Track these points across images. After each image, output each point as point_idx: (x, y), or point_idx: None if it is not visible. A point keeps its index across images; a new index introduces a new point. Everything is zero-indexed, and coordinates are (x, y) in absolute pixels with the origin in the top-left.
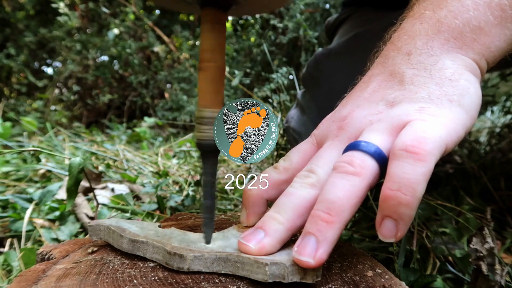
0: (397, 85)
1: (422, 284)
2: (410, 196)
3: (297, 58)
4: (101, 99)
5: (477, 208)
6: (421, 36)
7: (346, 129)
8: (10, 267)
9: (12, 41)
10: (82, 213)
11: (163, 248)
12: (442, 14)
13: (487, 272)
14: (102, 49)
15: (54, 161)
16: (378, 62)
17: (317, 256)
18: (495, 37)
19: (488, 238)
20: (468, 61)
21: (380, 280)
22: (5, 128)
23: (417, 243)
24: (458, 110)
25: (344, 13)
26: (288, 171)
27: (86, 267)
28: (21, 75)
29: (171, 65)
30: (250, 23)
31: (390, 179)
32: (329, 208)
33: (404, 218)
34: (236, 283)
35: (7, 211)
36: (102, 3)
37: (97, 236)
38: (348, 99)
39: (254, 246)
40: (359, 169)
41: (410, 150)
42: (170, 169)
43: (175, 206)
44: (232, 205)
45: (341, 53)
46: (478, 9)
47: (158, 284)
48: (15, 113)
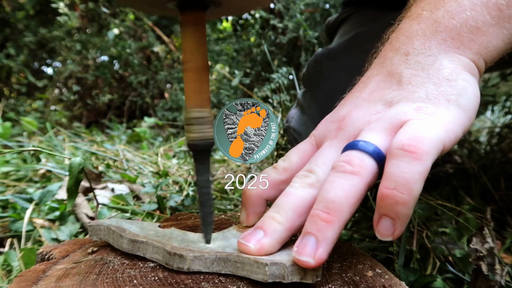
0: (395, 85)
1: (422, 284)
2: (407, 195)
3: (297, 58)
4: (101, 99)
5: (477, 208)
6: (419, 37)
7: (345, 129)
8: (10, 267)
9: (12, 41)
10: (82, 213)
11: (163, 248)
12: (439, 15)
13: (487, 272)
14: (102, 49)
15: (54, 161)
16: (376, 63)
17: (317, 256)
18: (493, 36)
19: (488, 238)
20: (466, 61)
21: (380, 280)
22: (5, 128)
23: (417, 243)
24: (456, 110)
25: (345, 13)
26: (288, 171)
27: (86, 267)
28: (21, 75)
29: (171, 65)
30: (250, 23)
31: (387, 178)
32: (328, 207)
33: (401, 217)
34: (236, 283)
35: (7, 211)
36: (102, 3)
37: (97, 236)
38: (347, 100)
39: (253, 246)
40: (358, 168)
41: (407, 149)
42: (170, 169)
43: (175, 206)
44: (232, 205)
45: (342, 53)
46: (475, 9)
47: (158, 284)
48: (15, 113)
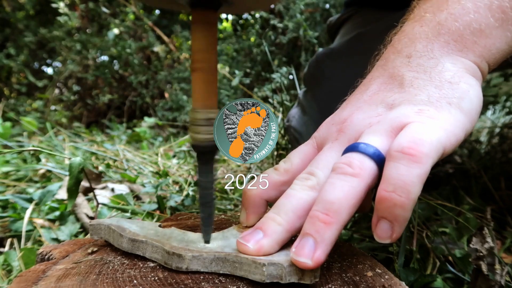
0: (397, 88)
1: (422, 284)
2: (405, 197)
3: (297, 58)
4: (101, 99)
5: (477, 208)
6: (421, 39)
7: (346, 132)
8: (10, 267)
9: (12, 41)
10: (82, 213)
11: (162, 248)
12: (442, 17)
13: (487, 272)
14: (102, 49)
15: (54, 161)
16: (378, 65)
17: (315, 257)
18: (496, 39)
19: (488, 238)
20: (469, 64)
21: (380, 280)
22: (5, 128)
23: (417, 243)
24: (458, 113)
25: (346, 13)
26: (289, 172)
27: (86, 267)
28: (21, 75)
29: (171, 65)
30: (250, 23)
31: (386, 181)
32: (328, 208)
33: (399, 220)
34: (236, 283)
35: (7, 211)
36: (102, 3)
37: (98, 235)
38: (348, 102)
39: (252, 246)
40: (357, 170)
41: (406, 151)
42: (170, 169)
43: (175, 206)
44: (232, 205)
45: (343, 53)
46: (478, 12)
47: (158, 284)
48: (15, 113)
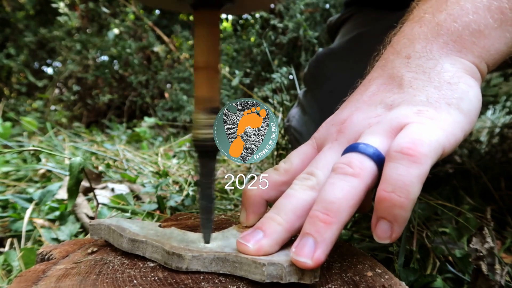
0: (396, 88)
1: (422, 284)
2: (405, 198)
3: (297, 58)
4: (101, 99)
5: (477, 208)
6: (420, 40)
7: (345, 132)
8: (10, 267)
9: (12, 41)
10: (82, 213)
11: (162, 248)
12: (441, 18)
13: (487, 272)
14: (102, 49)
15: (54, 161)
16: (377, 66)
17: (315, 257)
18: (495, 40)
19: (488, 238)
20: (468, 64)
21: (380, 280)
22: (5, 128)
23: (417, 243)
24: (457, 114)
25: (346, 13)
26: (288, 172)
27: (86, 267)
28: (21, 75)
29: (171, 65)
30: (250, 23)
31: (385, 181)
32: (328, 208)
33: (399, 220)
34: (236, 283)
35: (7, 211)
36: (102, 3)
37: (98, 235)
38: (348, 103)
39: (252, 246)
40: (357, 170)
41: (405, 152)
42: (170, 169)
43: (175, 206)
44: (232, 205)
45: (343, 53)
46: (477, 12)
47: (158, 284)
48: (15, 113)
